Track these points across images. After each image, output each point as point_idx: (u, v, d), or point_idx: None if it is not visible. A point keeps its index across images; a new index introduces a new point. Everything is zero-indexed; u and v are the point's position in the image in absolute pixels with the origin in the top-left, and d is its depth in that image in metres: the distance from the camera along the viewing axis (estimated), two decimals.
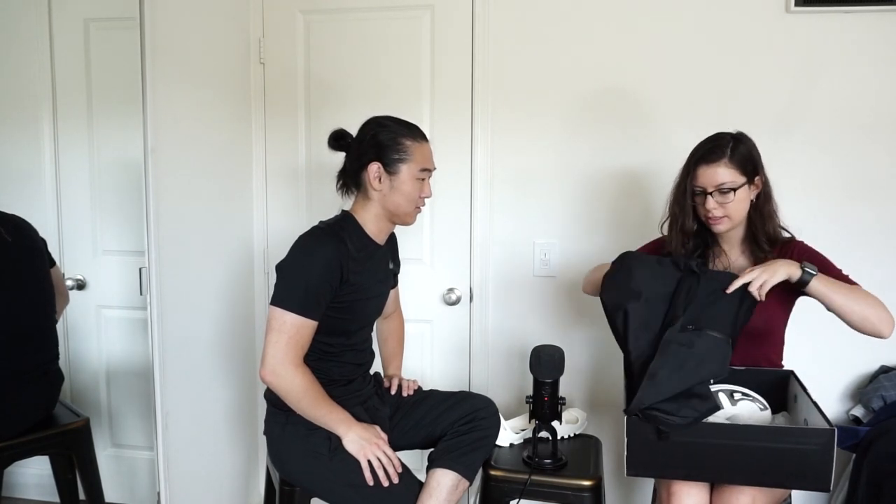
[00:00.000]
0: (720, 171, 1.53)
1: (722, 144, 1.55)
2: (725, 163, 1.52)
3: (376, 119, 1.63)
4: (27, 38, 2.03)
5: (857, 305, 1.43)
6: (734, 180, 1.52)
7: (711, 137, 1.59)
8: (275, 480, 1.71)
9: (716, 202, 1.54)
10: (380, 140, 1.58)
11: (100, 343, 2.15)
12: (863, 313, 1.42)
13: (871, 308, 1.43)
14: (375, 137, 1.59)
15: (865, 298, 1.45)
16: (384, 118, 1.63)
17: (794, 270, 1.41)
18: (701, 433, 1.34)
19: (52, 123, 2.04)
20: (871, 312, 1.42)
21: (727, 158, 1.53)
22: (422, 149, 1.61)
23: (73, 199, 2.07)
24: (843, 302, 1.42)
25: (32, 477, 2.20)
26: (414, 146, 1.59)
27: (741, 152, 1.54)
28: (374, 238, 1.65)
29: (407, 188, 1.59)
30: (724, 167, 1.52)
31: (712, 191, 1.53)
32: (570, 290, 2.21)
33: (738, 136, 1.58)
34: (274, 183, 2.35)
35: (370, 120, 1.64)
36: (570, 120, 2.14)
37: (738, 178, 1.53)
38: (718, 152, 1.54)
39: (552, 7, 2.12)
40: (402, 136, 1.59)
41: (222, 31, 2.14)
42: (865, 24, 1.97)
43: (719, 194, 1.53)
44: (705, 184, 1.54)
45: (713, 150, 1.55)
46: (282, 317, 1.49)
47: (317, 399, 1.52)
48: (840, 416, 2.09)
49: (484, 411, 1.69)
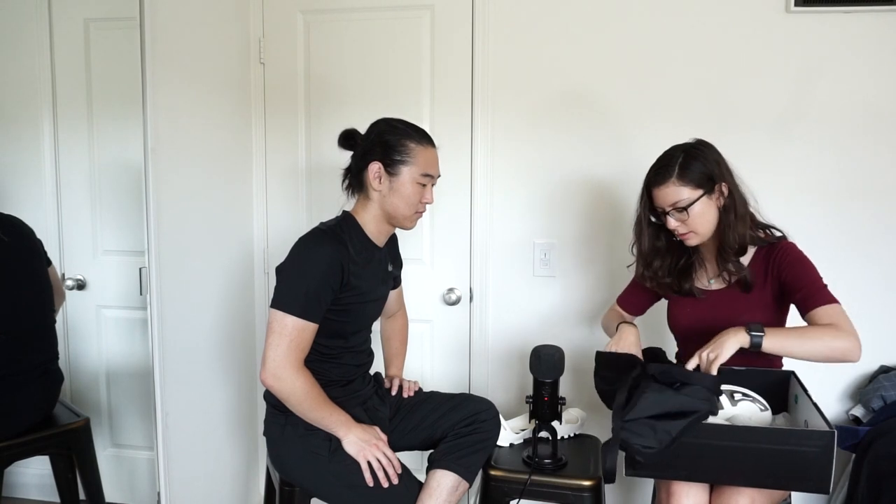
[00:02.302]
0: (670, 191, 1.53)
1: (669, 164, 1.54)
2: (674, 181, 1.52)
3: (386, 119, 1.63)
4: (27, 38, 2.03)
5: (815, 346, 1.40)
6: (688, 196, 1.52)
7: (660, 158, 1.59)
8: (275, 481, 1.71)
9: (676, 220, 1.55)
10: (385, 140, 1.58)
11: (100, 343, 2.15)
12: (824, 351, 1.39)
13: (832, 342, 1.39)
14: (381, 137, 1.58)
15: (822, 336, 1.40)
16: (394, 119, 1.63)
17: (743, 338, 1.41)
18: (701, 434, 1.34)
19: (52, 123, 2.04)
20: (834, 346, 1.39)
21: (674, 177, 1.52)
22: (426, 153, 1.59)
23: (73, 199, 2.07)
24: (800, 350, 1.41)
25: (32, 477, 2.20)
26: (418, 149, 1.58)
27: (692, 167, 1.52)
28: (374, 239, 1.64)
29: (406, 191, 1.58)
30: (672, 186, 1.52)
31: (669, 210, 1.54)
32: (570, 290, 2.21)
33: (689, 148, 1.56)
34: (274, 182, 2.35)
35: (380, 120, 1.63)
36: (572, 119, 2.14)
37: (692, 192, 1.52)
38: (664, 172, 1.54)
39: (553, 7, 2.11)
40: (407, 139, 1.58)
41: (222, 31, 2.14)
42: (865, 24, 1.97)
43: (676, 212, 1.54)
44: (661, 204, 1.56)
45: (658, 171, 1.55)
46: (282, 319, 1.49)
47: (317, 401, 1.52)
48: (840, 416, 2.09)
49: (484, 414, 1.69)
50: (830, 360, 1.41)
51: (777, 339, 1.41)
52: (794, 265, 1.54)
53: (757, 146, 2.04)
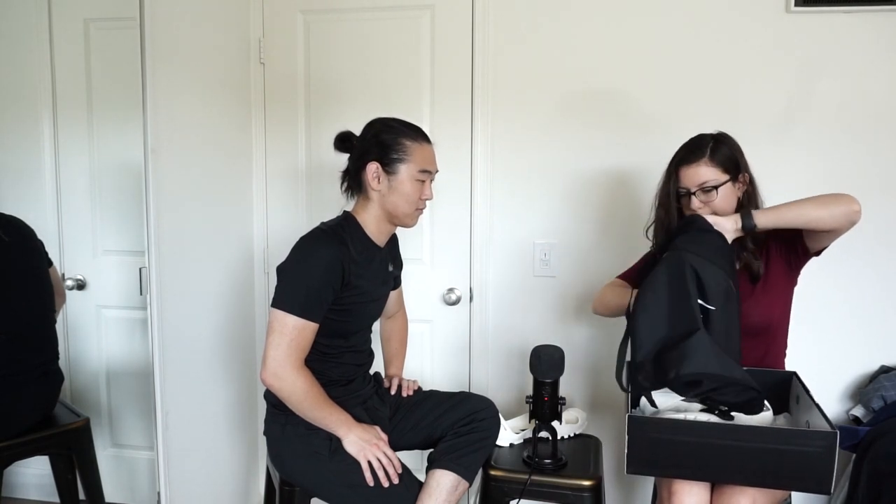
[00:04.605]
0: (701, 171, 1.55)
1: (702, 145, 1.58)
2: (706, 162, 1.55)
3: (381, 119, 1.63)
4: (27, 38, 2.03)
5: (813, 210, 1.45)
6: (716, 178, 1.55)
7: (691, 139, 1.62)
8: (275, 481, 1.71)
9: (700, 201, 1.56)
10: (381, 139, 1.58)
11: (100, 343, 2.15)
12: (823, 213, 1.44)
13: (831, 202, 1.45)
14: (377, 136, 1.59)
15: (816, 200, 1.47)
16: (389, 119, 1.63)
17: (738, 223, 1.47)
18: (702, 433, 1.34)
19: (52, 123, 2.04)
20: (833, 204, 1.45)
21: (707, 157, 1.56)
22: (422, 150, 1.60)
23: (73, 199, 2.07)
24: (796, 216, 1.46)
25: (32, 477, 2.20)
26: (414, 146, 1.58)
27: (722, 151, 1.57)
28: (375, 239, 1.64)
29: (406, 189, 1.58)
30: (704, 166, 1.55)
31: (695, 190, 1.56)
32: (570, 290, 2.21)
33: (719, 136, 1.61)
34: (274, 182, 2.35)
35: (375, 120, 1.64)
36: (572, 120, 2.14)
37: (721, 175, 1.55)
38: (698, 152, 1.57)
39: (553, 6, 2.11)
40: (403, 137, 1.58)
41: (222, 32, 2.14)
42: (865, 24, 1.97)
43: (702, 193, 1.56)
44: (688, 184, 1.57)
45: (693, 151, 1.58)
46: (283, 319, 1.49)
47: (318, 401, 1.52)
48: (840, 416, 2.09)
49: (484, 412, 1.69)
50: (833, 221, 1.45)
51: (769, 213, 1.47)
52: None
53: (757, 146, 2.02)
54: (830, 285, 2.04)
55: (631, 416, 1.38)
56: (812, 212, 1.45)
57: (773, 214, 1.48)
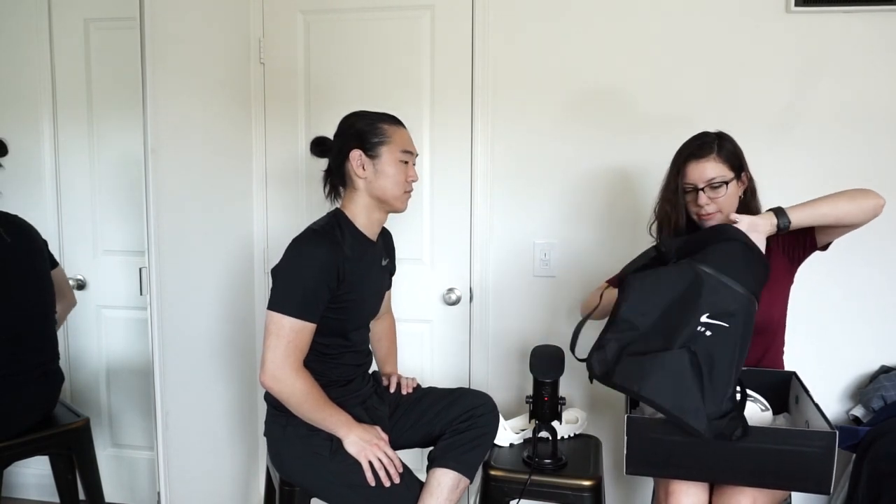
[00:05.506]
0: (710, 166, 1.55)
1: (709, 141, 1.58)
2: (714, 158, 1.56)
3: (353, 112, 1.67)
4: (27, 38, 2.03)
5: (845, 205, 1.46)
6: (724, 174, 1.55)
7: (697, 136, 1.62)
8: (275, 481, 1.71)
9: (707, 197, 1.56)
10: (358, 128, 1.61)
11: (100, 343, 2.15)
12: (853, 209, 1.45)
13: (860, 197, 1.46)
14: (354, 126, 1.62)
15: (844, 195, 1.47)
16: (360, 111, 1.67)
17: (773, 221, 1.44)
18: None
19: (52, 123, 2.04)
20: (861, 199, 1.46)
21: (715, 154, 1.56)
22: (400, 132, 1.63)
23: (73, 199, 2.07)
24: (831, 212, 1.46)
25: (32, 477, 2.20)
26: (392, 129, 1.61)
27: (727, 148, 1.58)
28: (366, 232, 1.65)
29: (391, 170, 1.60)
30: (713, 162, 1.55)
31: (703, 186, 1.55)
32: (570, 290, 2.21)
33: (721, 134, 1.61)
34: (274, 182, 2.35)
35: (347, 115, 1.67)
36: (571, 120, 2.14)
37: (727, 172, 1.56)
38: (707, 148, 1.57)
39: (553, 7, 2.11)
40: (379, 122, 1.62)
41: (222, 31, 2.14)
42: (865, 24, 1.97)
43: (711, 189, 1.55)
44: (696, 180, 1.56)
45: (701, 147, 1.58)
46: (279, 321, 1.49)
47: (318, 402, 1.52)
48: (840, 416, 2.09)
49: (482, 408, 1.69)
50: (863, 215, 1.47)
51: (803, 209, 1.45)
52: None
53: (757, 146, 2.02)
54: (830, 285, 2.04)
55: (630, 416, 1.38)
56: (844, 206, 1.45)
57: (807, 211, 1.45)
